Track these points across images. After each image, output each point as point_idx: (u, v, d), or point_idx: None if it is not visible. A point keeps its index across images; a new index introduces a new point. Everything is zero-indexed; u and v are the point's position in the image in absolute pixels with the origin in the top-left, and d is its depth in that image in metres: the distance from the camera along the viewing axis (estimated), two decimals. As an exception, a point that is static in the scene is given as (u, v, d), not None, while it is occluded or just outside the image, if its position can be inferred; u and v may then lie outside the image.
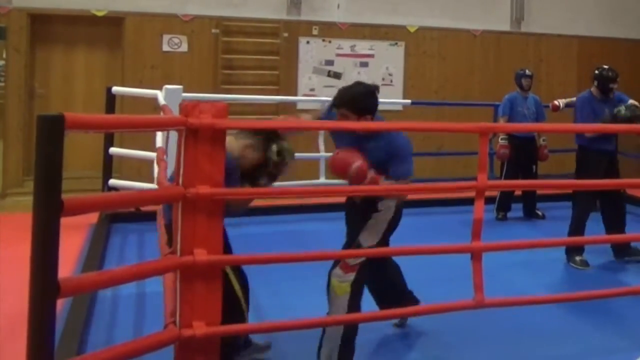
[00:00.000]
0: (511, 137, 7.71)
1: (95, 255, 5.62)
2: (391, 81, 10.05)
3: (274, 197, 3.50)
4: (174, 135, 3.58)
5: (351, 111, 3.74)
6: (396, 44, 10.10)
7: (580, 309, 4.60)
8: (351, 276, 3.62)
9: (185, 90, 7.03)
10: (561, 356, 4.12)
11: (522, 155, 7.82)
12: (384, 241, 3.87)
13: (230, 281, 3.39)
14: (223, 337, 3.13)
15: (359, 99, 3.79)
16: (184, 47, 9.14)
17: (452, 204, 7.91)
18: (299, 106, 8.80)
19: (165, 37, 9.07)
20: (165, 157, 4.72)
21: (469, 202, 4.13)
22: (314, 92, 9.51)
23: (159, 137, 5.72)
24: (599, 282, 4.96)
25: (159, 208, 4.27)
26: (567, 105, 8.52)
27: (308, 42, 9.69)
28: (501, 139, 7.70)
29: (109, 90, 7.26)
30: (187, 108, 3.02)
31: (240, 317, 3.47)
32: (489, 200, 5.91)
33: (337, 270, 3.67)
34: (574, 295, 4.28)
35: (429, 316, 3.95)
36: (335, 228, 4.49)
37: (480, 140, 3.67)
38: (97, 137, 7.51)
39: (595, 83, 6.29)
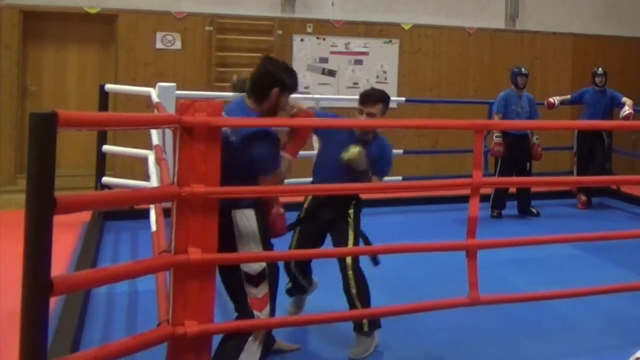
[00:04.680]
0: (505, 134, 7.72)
1: (88, 253, 5.59)
2: (385, 79, 10.04)
3: (272, 195, 3.47)
4: (170, 133, 3.56)
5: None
6: (390, 41, 10.09)
7: (574, 306, 4.60)
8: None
9: (178, 88, 7.00)
10: (555, 353, 4.12)
11: (516, 153, 7.83)
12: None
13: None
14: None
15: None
16: (178, 45, 9.11)
17: (446, 201, 7.92)
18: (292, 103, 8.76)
19: (159, 35, 9.04)
20: (164, 155, 4.69)
21: (464, 199, 4.13)
22: (308, 90, 9.48)
23: (155, 135, 5.68)
24: (592, 280, 4.96)
25: None
26: (562, 102, 8.57)
27: (302, 40, 9.67)
28: (495, 137, 7.71)
29: (102, 87, 7.23)
30: (182, 106, 3.01)
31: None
32: (484, 198, 5.92)
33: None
34: (568, 292, 4.28)
35: (424, 313, 3.94)
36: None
37: (476, 138, 3.67)
38: (90, 135, 7.47)
39: None
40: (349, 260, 3.99)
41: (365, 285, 4.01)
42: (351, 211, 4.12)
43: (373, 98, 4.15)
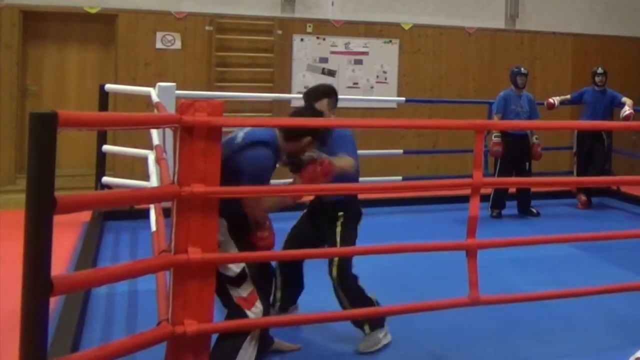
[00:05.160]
0: (504, 134, 7.72)
1: (88, 253, 5.59)
2: (385, 79, 10.04)
3: (274, 195, 3.47)
4: (170, 132, 3.56)
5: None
6: (390, 41, 10.09)
7: (574, 306, 4.60)
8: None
9: (178, 88, 7.00)
10: (555, 353, 4.12)
11: (516, 153, 7.83)
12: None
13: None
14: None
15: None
16: (178, 45, 9.11)
17: (446, 201, 7.92)
18: (293, 104, 8.77)
19: (159, 35, 9.03)
20: (164, 155, 4.69)
21: (464, 199, 4.13)
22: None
23: (155, 134, 5.68)
24: (592, 279, 4.96)
25: None
26: (561, 102, 8.58)
27: (302, 40, 9.67)
28: (494, 136, 7.71)
29: (102, 87, 7.23)
30: (182, 106, 3.01)
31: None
32: (484, 198, 5.92)
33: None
34: (568, 292, 4.28)
35: (424, 313, 3.94)
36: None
37: (476, 138, 3.66)
38: (90, 135, 7.48)
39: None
40: (334, 273, 3.93)
41: (357, 295, 3.94)
42: (339, 222, 4.04)
43: (317, 95, 4.01)
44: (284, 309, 4.26)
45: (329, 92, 4.09)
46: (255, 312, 3.35)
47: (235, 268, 3.34)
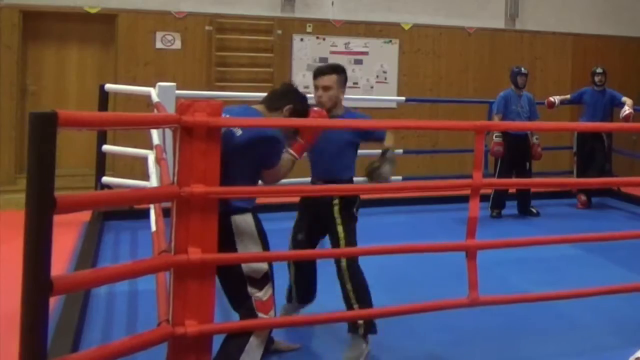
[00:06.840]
0: (505, 134, 7.72)
1: (88, 252, 5.59)
2: (385, 79, 10.04)
3: (274, 195, 3.48)
4: (170, 132, 3.56)
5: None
6: (390, 41, 10.09)
7: (574, 305, 4.60)
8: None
9: (178, 88, 7.00)
10: (555, 353, 4.12)
11: (516, 153, 7.84)
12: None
13: None
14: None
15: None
16: (177, 45, 9.11)
17: (446, 201, 7.93)
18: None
19: (159, 35, 9.04)
20: (164, 155, 4.69)
21: (464, 199, 4.13)
22: (308, 90, 9.46)
23: (155, 134, 5.68)
24: (591, 279, 4.97)
25: None
26: (562, 102, 8.59)
27: (302, 40, 9.67)
28: (495, 136, 7.71)
29: (101, 87, 7.24)
30: (182, 106, 3.01)
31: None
32: (484, 198, 5.92)
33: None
34: (568, 293, 4.28)
35: (423, 314, 3.94)
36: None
37: (476, 139, 3.65)
38: (90, 135, 7.48)
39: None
40: (343, 262, 3.92)
41: (362, 285, 3.95)
42: (336, 209, 4.00)
43: (326, 70, 4.15)
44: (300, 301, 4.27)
45: (337, 69, 4.27)
46: (269, 317, 3.33)
47: (259, 269, 3.29)
